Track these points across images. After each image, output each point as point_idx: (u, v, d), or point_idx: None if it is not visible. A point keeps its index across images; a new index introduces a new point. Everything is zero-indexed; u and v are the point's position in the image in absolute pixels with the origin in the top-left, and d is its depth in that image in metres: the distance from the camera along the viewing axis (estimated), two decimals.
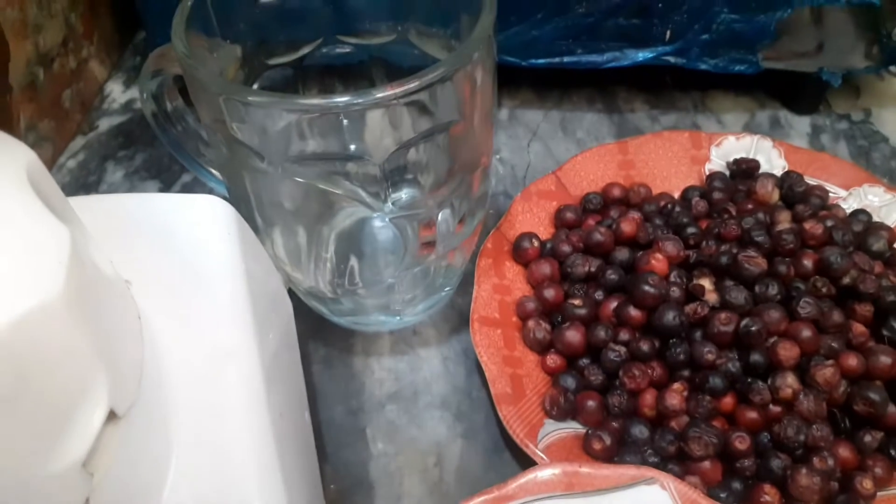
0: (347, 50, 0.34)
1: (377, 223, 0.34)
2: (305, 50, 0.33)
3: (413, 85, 0.24)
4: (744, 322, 0.29)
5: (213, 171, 0.35)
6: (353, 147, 0.26)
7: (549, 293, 0.33)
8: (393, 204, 0.28)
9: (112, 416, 0.17)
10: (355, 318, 0.35)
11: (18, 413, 0.14)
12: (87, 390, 0.16)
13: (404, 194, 0.29)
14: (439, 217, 0.30)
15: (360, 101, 0.24)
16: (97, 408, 0.16)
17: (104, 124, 0.46)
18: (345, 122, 0.26)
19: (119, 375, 0.17)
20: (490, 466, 0.30)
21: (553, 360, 0.32)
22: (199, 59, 0.27)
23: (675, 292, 0.31)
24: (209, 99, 0.26)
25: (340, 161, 0.27)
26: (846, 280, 0.31)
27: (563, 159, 0.40)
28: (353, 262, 0.33)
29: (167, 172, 0.43)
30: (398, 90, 0.24)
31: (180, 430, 0.19)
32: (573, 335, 0.31)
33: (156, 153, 0.44)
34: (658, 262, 0.32)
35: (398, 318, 0.35)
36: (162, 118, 0.33)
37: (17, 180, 0.16)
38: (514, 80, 0.47)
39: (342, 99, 0.24)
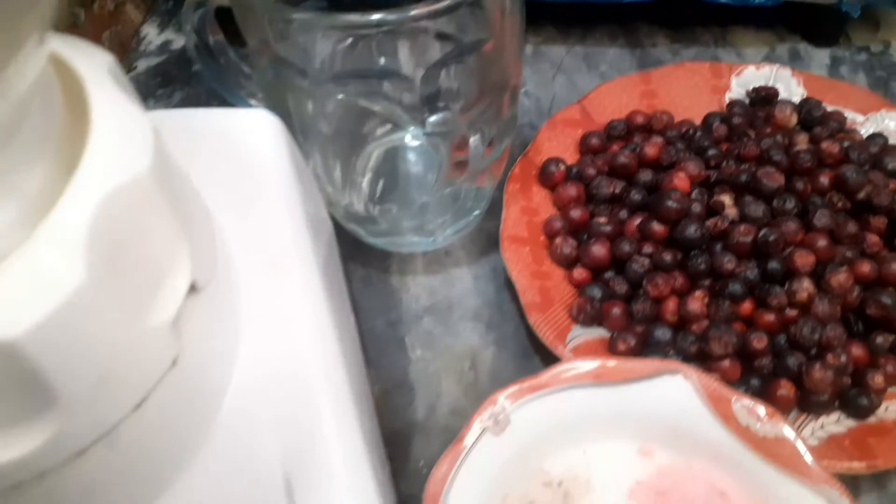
0: None
1: (410, 147, 0.35)
2: None
3: (445, 3, 0.26)
4: (762, 232, 0.31)
5: (253, 102, 0.36)
6: (390, 65, 0.28)
7: (576, 213, 0.35)
8: (428, 123, 0.30)
9: (192, 289, 0.19)
10: (391, 238, 0.37)
11: (124, 271, 0.16)
12: (174, 258, 0.18)
13: (438, 116, 0.31)
14: (471, 138, 0.31)
15: (395, 17, 0.25)
16: (182, 275, 0.18)
17: (142, 65, 0.48)
18: (381, 43, 0.28)
19: (198, 251, 0.19)
20: (520, 370, 0.32)
21: (579, 273, 0.33)
22: None
23: (697, 208, 0.32)
24: (256, 20, 0.27)
25: (378, 80, 0.28)
26: (861, 195, 0.32)
27: (587, 91, 0.41)
28: (388, 183, 0.35)
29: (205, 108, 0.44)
30: (435, 7, 0.25)
31: (248, 308, 0.21)
32: (599, 249, 0.33)
33: (193, 91, 0.45)
34: (680, 180, 0.33)
35: (431, 239, 0.37)
36: (204, 51, 0.34)
37: (104, 76, 0.18)
38: (538, 17, 0.48)
39: (378, 16, 0.25)
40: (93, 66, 0.18)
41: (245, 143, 0.25)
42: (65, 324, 0.14)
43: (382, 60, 0.29)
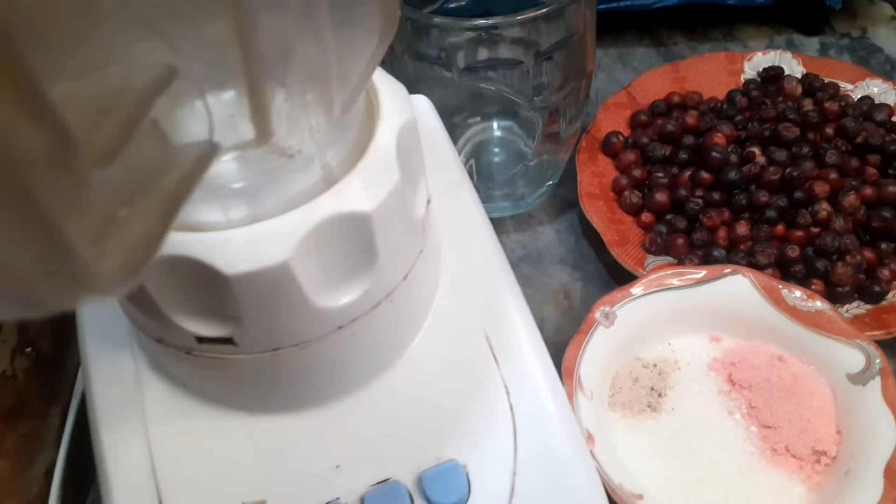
0: (462, 3, 0.45)
1: (491, 142, 0.44)
2: (437, 3, 0.44)
3: (547, 8, 0.35)
4: (787, 171, 0.40)
5: None
6: (508, 56, 0.37)
7: (637, 172, 0.44)
8: (533, 101, 0.39)
9: (427, 201, 0.27)
10: (485, 205, 0.45)
11: (410, 176, 0.24)
12: (422, 176, 0.26)
13: (540, 96, 0.40)
14: (560, 114, 0.41)
15: (509, 19, 0.35)
16: (425, 188, 0.27)
17: None
18: (493, 42, 0.37)
19: (426, 176, 0.28)
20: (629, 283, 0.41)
21: (646, 216, 0.42)
22: None
23: (734, 158, 0.42)
24: (400, 27, 0.37)
25: (495, 68, 0.38)
26: (859, 139, 0.42)
27: (625, 83, 0.51)
28: (477, 166, 0.44)
29: None
30: (538, 12, 0.35)
31: (443, 226, 0.30)
32: (661, 196, 0.42)
33: None
34: (719, 138, 0.42)
35: (521, 202, 0.46)
36: None
37: None
38: None
39: (496, 19, 0.35)
40: None
41: (420, 117, 0.34)
42: (391, 204, 0.23)
43: (486, 54, 0.38)
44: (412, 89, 0.40)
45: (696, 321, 0.37)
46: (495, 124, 0.44)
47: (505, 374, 0.28)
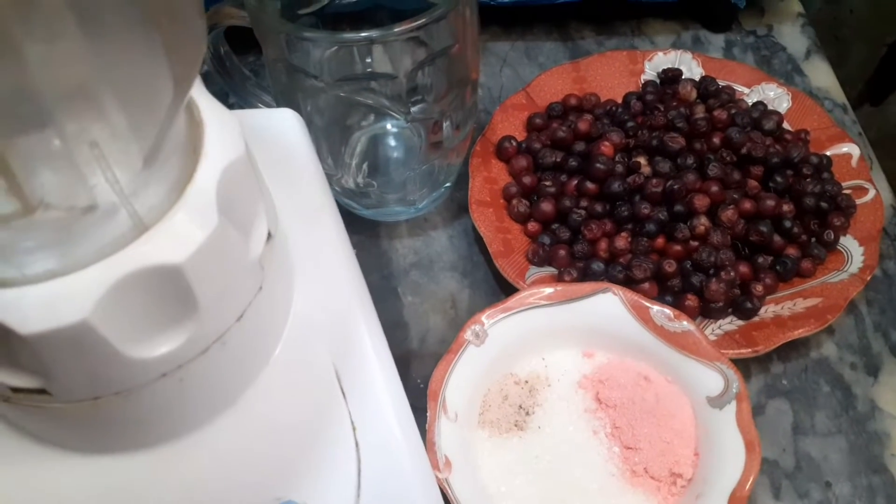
0: None
1: (389, 136, 0.44)
2: (325, 1, 0.43)
3: (422, 21, 0.34)
4: (668, 183, 0.40)
5: (257, 102, 0.44)
6: (380, 69, 0.36)
7: (527, 179, 0.44)
8: (410, 112, 0.38)
9: (269, 236, 0.27)
10: (379, 209, 0.45)
11: (235, 219, 0.24)
12: (258, 211, 0.26)
13: (418, 106, 0.39)
14: (444, 123, 0.40)
15: (384, 33, 0.33)
16: (263, 224, 0.26)
17: None
18: (367, 53, 0.36)
19: (268, 208, 0.27)
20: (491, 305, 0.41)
21: (532, 226, 0.42)
22: (261, 8, 0.36)
23: (619, 168, 0.42)
24: (273, 38, 0.35)
25: (370, 80, 0.36)
26: (743, 150, 0.42)
27: (529, 80, 0.50)
28: (373, 164, 0.43)
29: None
30: (413, 24, 0.34)
31: (298, 254, 0.29)
32: (547, 206, 0.42)
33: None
34: (606, 147, 0.42)
35: (413, 208, 0.45)
36: (217, 62, 0.42)
37: (201, 88, 0.25)
38: (484, 18, 0.56)
39: (371, 33, 0.33)
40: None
41: (279, 135, 0.33)
42: (206, 253, 0.22)
43: (368, 60, 0.37)
44: (289, 98, 0.39)
45: (570, 337, 0.37)
46: (389, 124, 0.43)
47: (353, 410, 0.28)
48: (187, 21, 0.20)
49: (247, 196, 0.25)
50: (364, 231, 0.45)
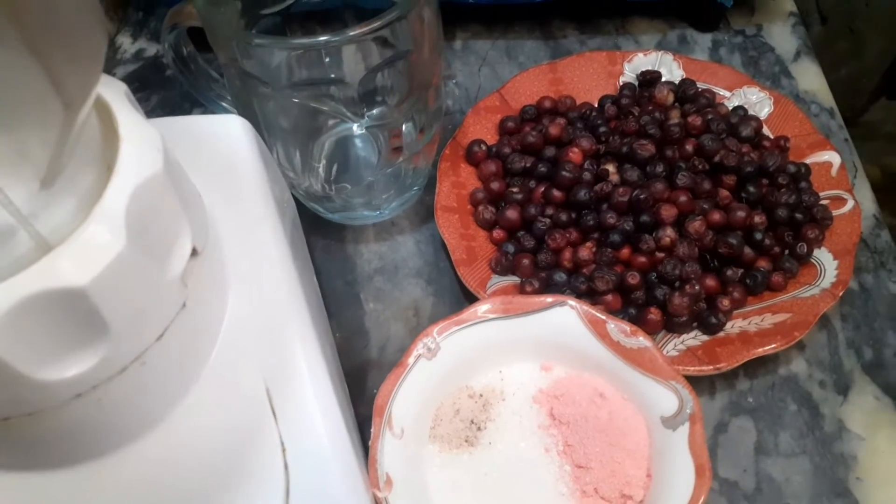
0: None
1: (356, 137, 0.43)
2: (290, 0, 0.42)
3: (376, 24, 0.33)
4: (635, 192, 0.39)
5: (223, 104, 0.43)
6: (334, 74, 0.35)
7: (494, 185, 0.43)
8: (367, 117, 0.37)
9: (194, 252, 0.26)
10: (345, 213, 0.44)
11: (150, 239, 0.23)
12: (180, 229, 0.25)
13: (376, 111, 0.38)
14: (404, 127, 0.39)
15: (336, 38, 0.33)
16: (186, 241, 0.25)
17: (119, 72, 0.54)
18: (326, 55, 0.35)
19: (195, 224, 0.26)
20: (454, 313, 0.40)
21: (498, 233, 0.41)
22: (213, 11, 0.35)
23: (587, 176, 0.40)
24: (224, 42, 0.34)
25: (325, 85, 0.36)
26: (716, 158, 0.40)
27: (507, 80, 0.49)
28: (340, 167, 0.42)
29: (179, 110, 0.51)
30: (365, 29, 0.33)
31: (233, 270, 0.29)
32: (512, 213, 0.41)
33: (168, 94, 0.52)
34: (574, 154, 0.41)
35: (378, 212, 0.44)
36: (180, 63, 0.41)
37: (123, 100, 0.25)
38: (466, 17, 0.55)
39: (323, 38, 0.33)
40: (114, 92, 0.25)
41: (223, 142, 0.32)
42: (114, 275, 0.21)
43: (329, 62, 0.36)
44: (244, 103, 0.38)
45: (529, 349, 0.36)
46: (355, 126, 0.43)
47: (283, 431, 0.27)
48: (77, 44, 0.19)
49: (165, 212, 0.24)
50: (330, 235, 0.45)
